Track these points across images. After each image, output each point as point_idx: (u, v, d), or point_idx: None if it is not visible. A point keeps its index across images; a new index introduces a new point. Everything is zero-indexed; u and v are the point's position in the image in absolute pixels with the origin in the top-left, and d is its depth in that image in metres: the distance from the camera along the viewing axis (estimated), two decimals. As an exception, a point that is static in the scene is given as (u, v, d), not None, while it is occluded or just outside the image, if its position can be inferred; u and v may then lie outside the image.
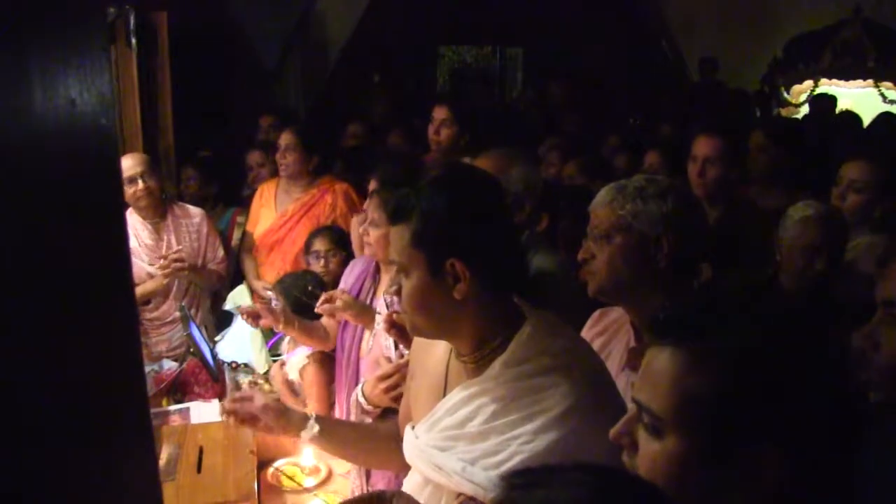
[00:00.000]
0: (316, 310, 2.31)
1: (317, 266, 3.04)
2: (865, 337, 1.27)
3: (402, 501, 1.30)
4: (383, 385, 1.81)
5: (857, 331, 1.42)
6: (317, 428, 1.55)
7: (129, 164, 3.06)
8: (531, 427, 1.23)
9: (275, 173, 3.75)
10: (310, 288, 2.66)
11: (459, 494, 1.29)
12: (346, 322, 2.46)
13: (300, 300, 2.68)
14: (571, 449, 1.20)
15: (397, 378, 1.78)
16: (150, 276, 3.13)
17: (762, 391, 0.80)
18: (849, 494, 0.90)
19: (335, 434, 1.62)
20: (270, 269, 3.44)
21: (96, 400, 0.56)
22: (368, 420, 1.88)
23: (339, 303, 2.22)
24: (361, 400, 1.88)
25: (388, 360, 2.03)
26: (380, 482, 2.03)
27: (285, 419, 1.57)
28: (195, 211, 3.33)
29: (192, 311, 3.09)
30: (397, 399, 1.73)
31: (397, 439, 1.54)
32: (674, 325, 0.87)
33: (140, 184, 3.05)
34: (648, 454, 0.86)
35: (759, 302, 0.90)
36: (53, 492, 0.55)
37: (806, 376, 0.81)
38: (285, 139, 3.46)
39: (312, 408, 2.52)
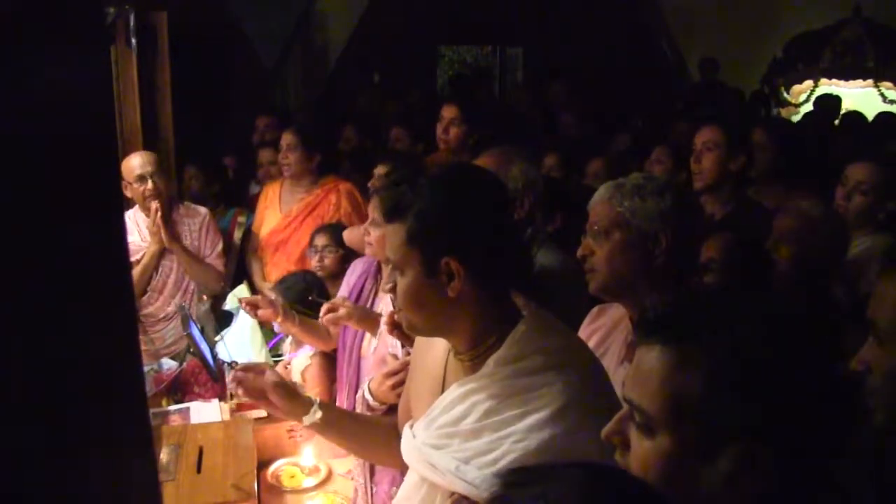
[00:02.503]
0: (320, 320, 2.31)
1: (314, 260, 3.05)
2: (859, 361, 1.27)
3: None
4: (390, 382, 1.81)
5: (856, 355, 1.43)
6: (319, 414, 1.54)
7: (140, 162, 3.11)
8: (524, 425, 1.22)
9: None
10: (311, 298, 2.65)
11: (453, 493, 1.29)
12: (347, 320, 2.45)
13: (303, 300, 2.67)
14: (564, 447, 1.19)
15: (404, 375, 1.78)
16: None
17: (752, 389, 0.80)
18: (838, 490, 0.90)
19: (337, 424, 1.60)
20: (275, 270, 3.46)
21: (95, 400, 0.56)
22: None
23: (342, 311, 2.21)
24: (368, 397, 1.87)
25: (395, 357, 2.03)
26: (383, 480, 2.03)
27: (291, 400, 1.56)
28: (200, 210, 3.36)
29: (188, 308, 3.10)
30: None
31: (399, 435, 1.54)
32: (662, 324, 0.87)
33: (149, 183, 3.09)
34: (640, 453, 0.86)
35: (748, 299, 0.90)
36: (53, 492, 0.55)
37: (796, 373, 0.81)
38: (286, 139, 3.48)
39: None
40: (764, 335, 0.82)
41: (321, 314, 2.26)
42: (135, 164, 3.10)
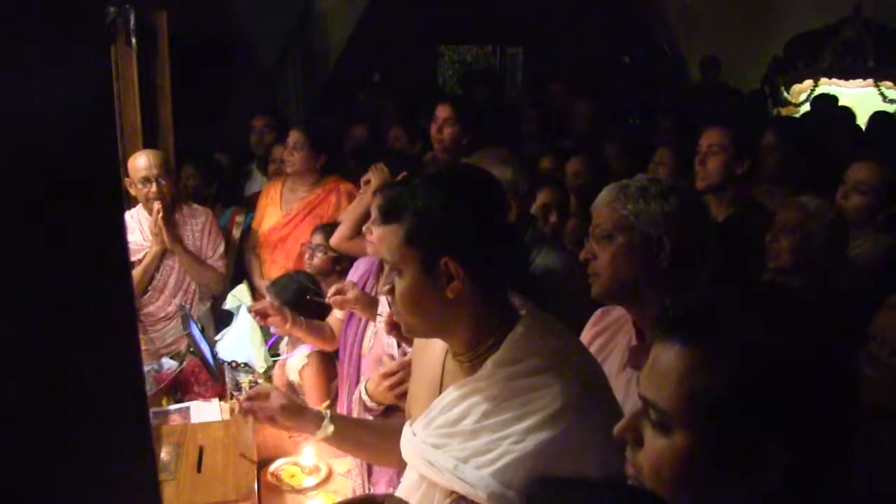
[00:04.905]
0: (327, 300, 2.32)
1: (306, 257, 3.07)
2: (882, 344, 1.29)
3: (393, 503, 1.30)
4: (388, 382, 1.81)
5: (873, 340, 1.46)
6: (331, 428, 1.55)
7: (146, 164, 3.08)
8: (522, 427, 1.23)
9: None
10: (308, 297, 2.66)
11: (452, 493, 1.29)
12: (348, 320, 2.46)
13: (298, 300, 2.68)
14: (562, 449, 1.20)
15: (401, 375, 1.78)
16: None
17: (770, 389, 0.80)
18: (847, 488, 0.90)
19: (349, 434, 1.61)
20: (274, 267, 3.47)
21: (95, 399, 0.56)
22: (370, 417, 1.89)
23: (349, 295, 2.22)
24: (365, 397, 1.88)
25: (391, 357, 2.03)
26: (381, 480, 2.03)
27: (301, 418, 1.57)
28: (202, 211, 3.36)
29: (188, 308, 3.11)
30: (401, 396, 1.73)
31: None
32: (681, 322, 0.86)
33: (154, 186, 3.07)
34: (655, 450, 0.86)
35: (766, 299, 0.89)
36: (53, 492, 0.55)
37: (813, 374, 0.81)
38: (293, 137, 3.49)
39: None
40: (784, 335, 0.82)
41: (329, 295, 2.27)
42: (140, 164, 3.08)
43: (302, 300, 2.70)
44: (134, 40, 3.35)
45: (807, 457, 0.81)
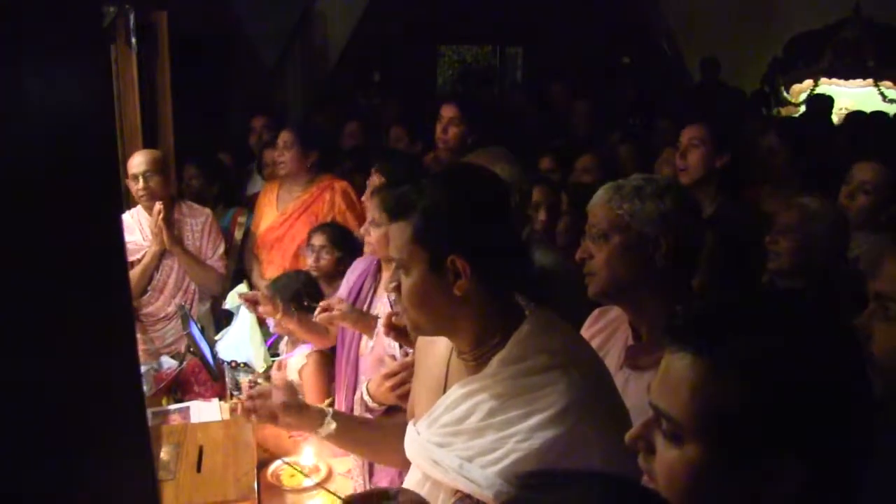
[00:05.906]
0: (314, 319, 2.30)
1: (309, 260, 3.06)
2: (858, 328, 1.27)
3: (406, 497, 1.30)
4: (389, 383, 1.81)
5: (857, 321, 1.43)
6: (334, 426, 1.55)
7: (137, 161, 3.12)
8: (528, 425, 1.22)
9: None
10: (306, 303, 2.65)
11: (457, 492, 1.29)
12: (346, 320, 2.45)
13: (296, 302, 2.68)
14: (568, 447, 1.20)
15: (403, 376, 1.78)
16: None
17: (785, 399, 0.79)
18: (853, 496, 0.89)
19: (351, 432, 1.62)
20: (271, 267, 3.48)
21: (92, 399, 0.56)
22: (370, 417, 1.89)
23: (336, 311, 2.20)
24: (366, 398, 1.88)
25: (393, 358, 2.03)
26: (382, 480, 2.03)
27: (303, 416, 1.57)
28: (202, 211, 3.36)
29: (188, 308, 3.11)
30: (402, 397, 1.73)
31: None
32: (694, 332, 0.85)
33: (141, 182, 3.09)
34: (667, 461, 0.85)
35: (777, 305, 0.88)
36: (51, 492, 0.55)
37: (828, 382, 0.80)
38: (283, 137, 3.50)
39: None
40: (800, 344, 0.81)
41: (316, 313, 2.26)
42: (132, 163, 3.12)
43: (300, 302, 2.69)
44: (134, 40, 3.35)
45: (821, 468, 0.80)
